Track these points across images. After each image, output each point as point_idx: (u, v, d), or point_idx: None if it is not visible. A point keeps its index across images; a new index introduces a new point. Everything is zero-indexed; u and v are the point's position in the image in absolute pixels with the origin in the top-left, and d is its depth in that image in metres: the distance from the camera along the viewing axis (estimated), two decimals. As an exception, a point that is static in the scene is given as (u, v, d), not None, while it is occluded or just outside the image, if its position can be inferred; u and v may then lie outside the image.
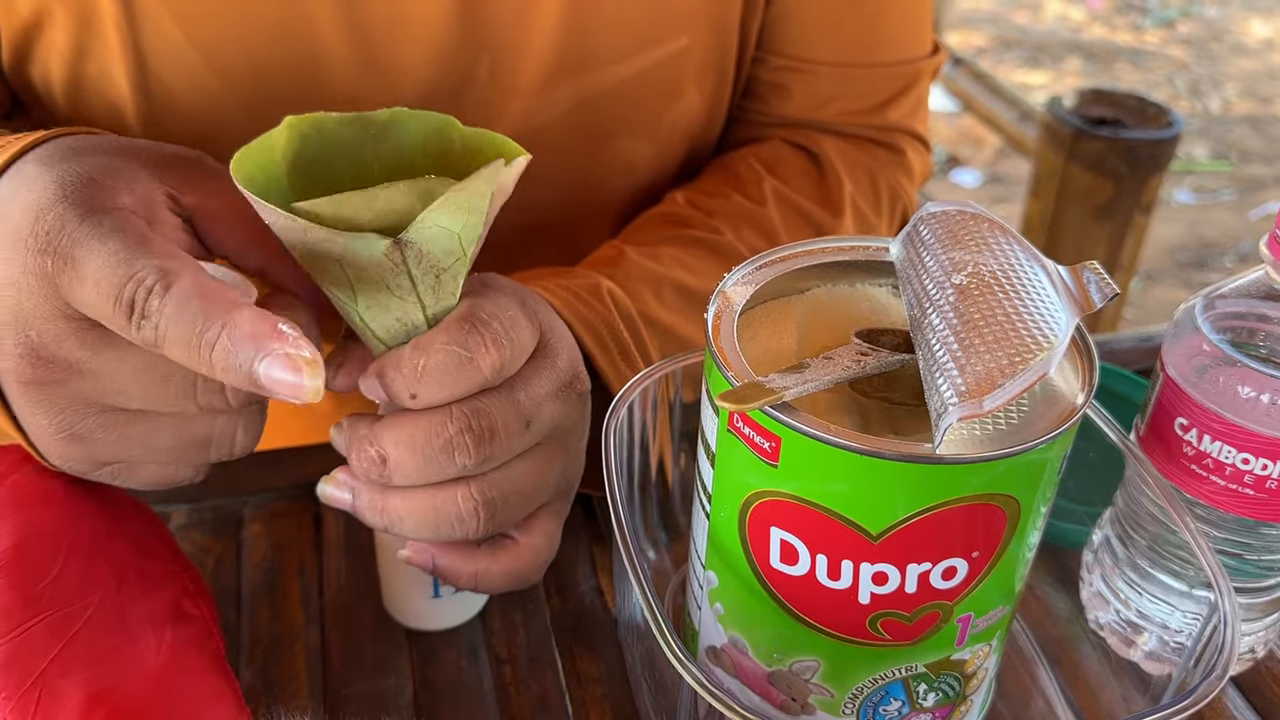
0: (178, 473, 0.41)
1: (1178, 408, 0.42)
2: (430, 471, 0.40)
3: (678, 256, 0.58)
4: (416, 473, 0.40)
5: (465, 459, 0.40)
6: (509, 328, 0.40)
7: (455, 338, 0.39)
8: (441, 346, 0.39)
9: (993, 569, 0.36)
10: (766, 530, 0.36)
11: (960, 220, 0.38)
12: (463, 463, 0.40)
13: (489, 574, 0.44)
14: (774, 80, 0.66)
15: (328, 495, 0.44)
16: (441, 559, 0.44)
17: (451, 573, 0.44)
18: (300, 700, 0.46)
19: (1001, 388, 0.31)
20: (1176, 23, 4.15)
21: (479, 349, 0.39)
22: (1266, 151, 3.23)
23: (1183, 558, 0.44)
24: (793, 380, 0.34)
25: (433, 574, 0.45)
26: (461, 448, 0.39)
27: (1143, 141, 1.80)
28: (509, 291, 0.42)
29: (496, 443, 0.40)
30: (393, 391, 0.39)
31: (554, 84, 0.59)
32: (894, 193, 0.69)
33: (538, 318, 0.43)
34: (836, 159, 0.66)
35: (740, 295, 0.38)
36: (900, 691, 0.38)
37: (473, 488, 0.41)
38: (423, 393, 0.39)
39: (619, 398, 0.43)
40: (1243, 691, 0.48)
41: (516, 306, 0.41)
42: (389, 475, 0.40)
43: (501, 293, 0.42)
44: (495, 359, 0.39)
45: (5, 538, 0.42)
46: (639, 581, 0.36)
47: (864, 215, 0.67)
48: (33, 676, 0.38)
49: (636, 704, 0.46)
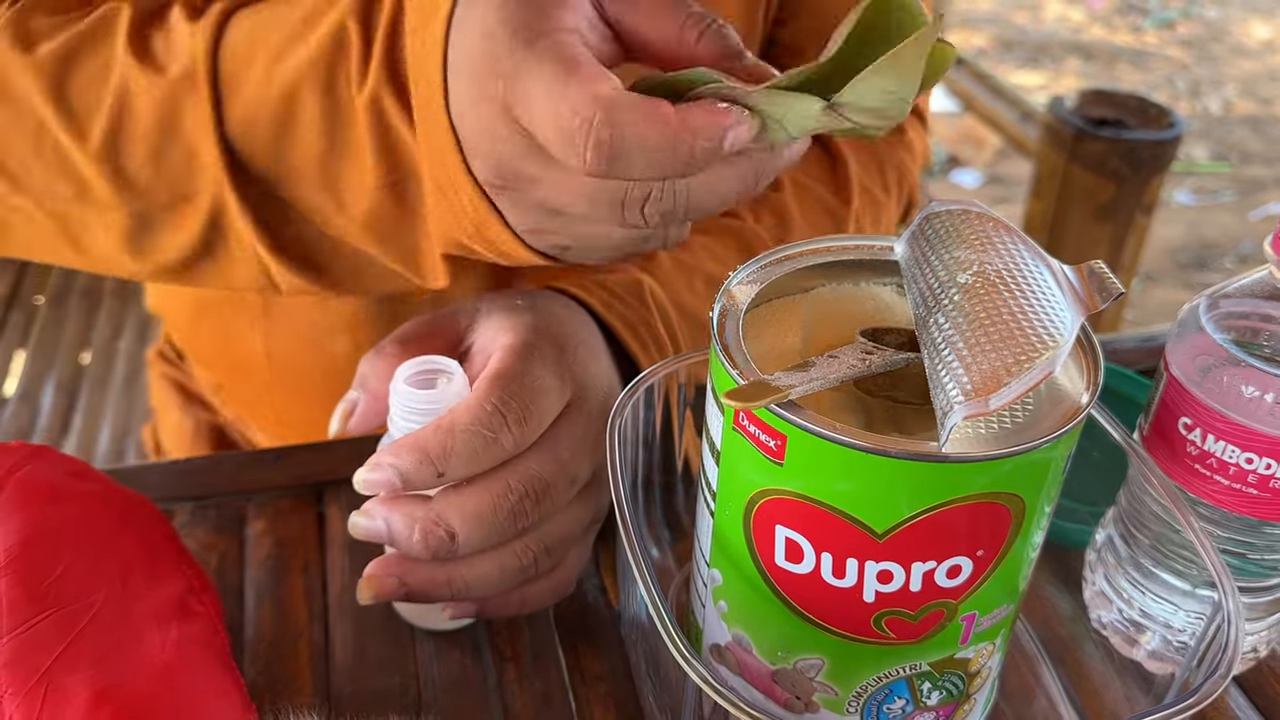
0: (626, 250, 0.44)
1: (1181, 407, 0.42)
2: (495, 538, 0.44)
3: (705, 244, 0.60)
4: (483, 541, 0.43)
5: (525, 522, 0.44)
6: (531, 401, 0.43)
7: (479, 419, 0.42)
8: (466, 429, 0.42)
9: (997, 568, 0.36)
10: (771, 528, 0.36)
11: (965, 219, 0.38)
12: (523, 525, 0.44)
13: (534, 597, 0.47)
14: (790, 43, 0.67)
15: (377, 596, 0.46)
16: (489, 603, 0.47)
17: (500, 609, 0.47)
18: (305, 697, 0.46)
19: (1007, 386, 0.32)
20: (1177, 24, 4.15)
21: (501, 429, 0.42)
22: (1267, 153, 3.23)
23: (1186, 557, 0.44)
24: (798, 378, 0.34)
25: (479, 617, 0.48)
26: (522, 514, 0.44)
27: (1144, 142, 1.80)
28: (543, 350, 0.45)
29: (549, 502, 0.44)
30: (421, 473, 0.42)
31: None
32: (900, 172, 0.70)
33: (571, 373, 0.46)
34: (842, 142, 0.67)
35: (745, 294, 0.38)
36: (904, 690, 0.38)
37: (529, 541, 0.45)
38: (450, 472, 0.42)
39: (623, 396, 0.43)
40: (1245, 691, 0.48)
41: (548, 369, 0.45)
42: (457, 549, 0.43)
43: (533, 356, 0.45)
44: (517, 436, 0.43)
45: (11, 535, 0.42)
46: (644, 579, 0.36)
47: (873, 195, 0.68)
48: (39, 673, 0.38)
49: (640, 702, 0.46)
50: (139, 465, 0.63)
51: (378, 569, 0.45)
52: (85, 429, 1.43)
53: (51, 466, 0.46)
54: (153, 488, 0.55)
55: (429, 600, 0.45)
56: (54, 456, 0.47)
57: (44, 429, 1.44)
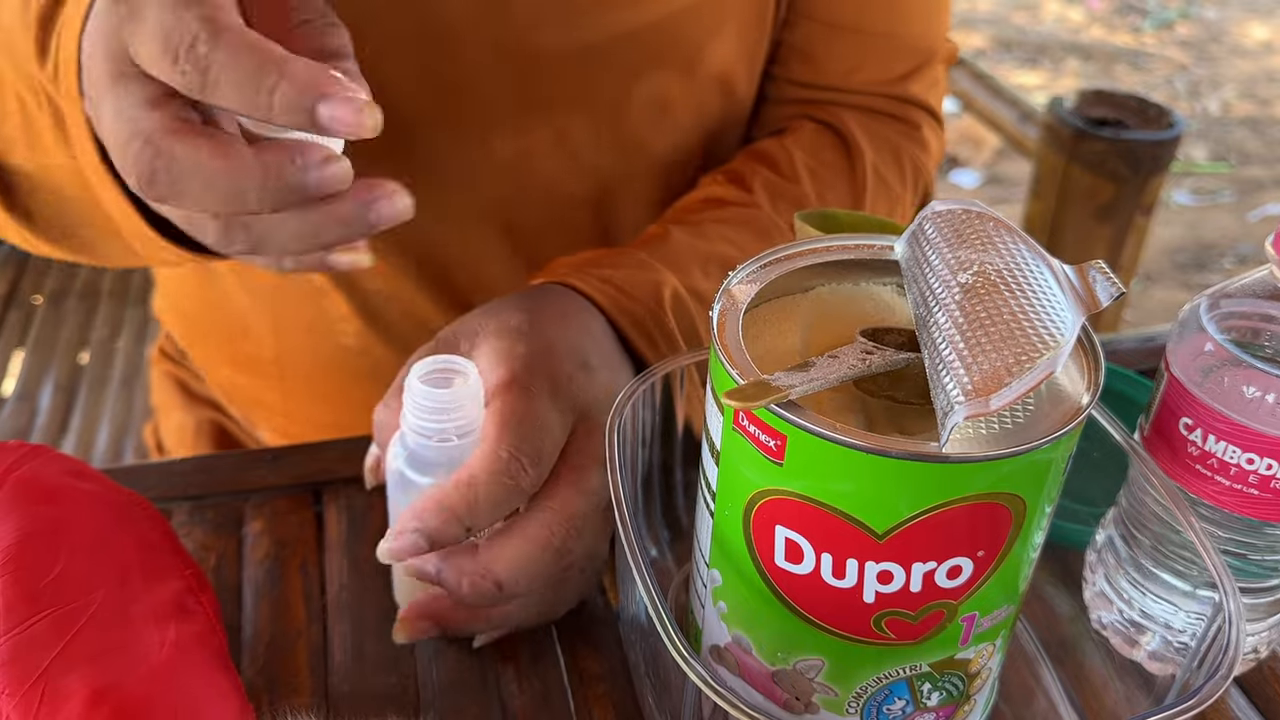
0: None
1: (1182, 407, 0.42)
2: (541, 581, 0.45)
3: (722, 233, 0.60)
4: (528, 586, 0.45)
5: (569, 560, 0.45)
6: (541, 441, 0.44)
7: (499, 469, 0.43)
8: (487, 481, 0.43)
9: (998, 568, 0.36)
10: (771, 529, 0.36)
11: (966, 219, 0.38)
12: (567, 563, 0.45)
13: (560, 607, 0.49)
14: (800, 45, 0.68)
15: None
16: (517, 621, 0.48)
17: (526, 623, 0.48)
18: (303, 697, 0.46)
19: (1008, 386, 0.31)
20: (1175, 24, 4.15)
21: (520, 474, 0.43)
22: (1265, 153, 3.23)
23: (1186, 558, 0.44)
24: (799, 378, 0.33)
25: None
26: (566, 552, 0.45)
27: (1144, 142, 1.79)
28: (539, 385, 0.46)
29: (590, 533, 0.46)
30: (449, 531, 0.43)
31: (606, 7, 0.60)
32: (916, 167, 0.70)
33: (571, 403, 0.47)
34: (860, 133, 0.68)
35: (745, 294, 0.38)
36: (904, 691, 0.38)
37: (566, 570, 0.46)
38: (477, 525, 0.43)
39: (621, 397, 0.43)
40: (1245, 692, 0.48)
41: (546, 404, 0.45)
42: (505, 595, 0.44)
43: (531, 393, 0.45)
44: (534, 477, 0.44)
45: (8, 534, 0.42)
46: (644, 580, 0.36)
47: (890, 187, 0.68)
48: (36, 673, 0.38)
49: (639, 702, 0.46)
50: (137, 465, 0.63)
51: (413, 613, 0.47)
52: (83, 428, 1.43)
53: (49, 466, 0.46)
54: (151, 487, 0.55)
55: (463, 635, 0.47)
56: (52, 456, 0.47)
57: (42, 428, 1.43)
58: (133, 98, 0.36)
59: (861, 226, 0.47)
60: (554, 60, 0.60)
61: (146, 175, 0.35)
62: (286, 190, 0.35)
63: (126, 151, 0.36)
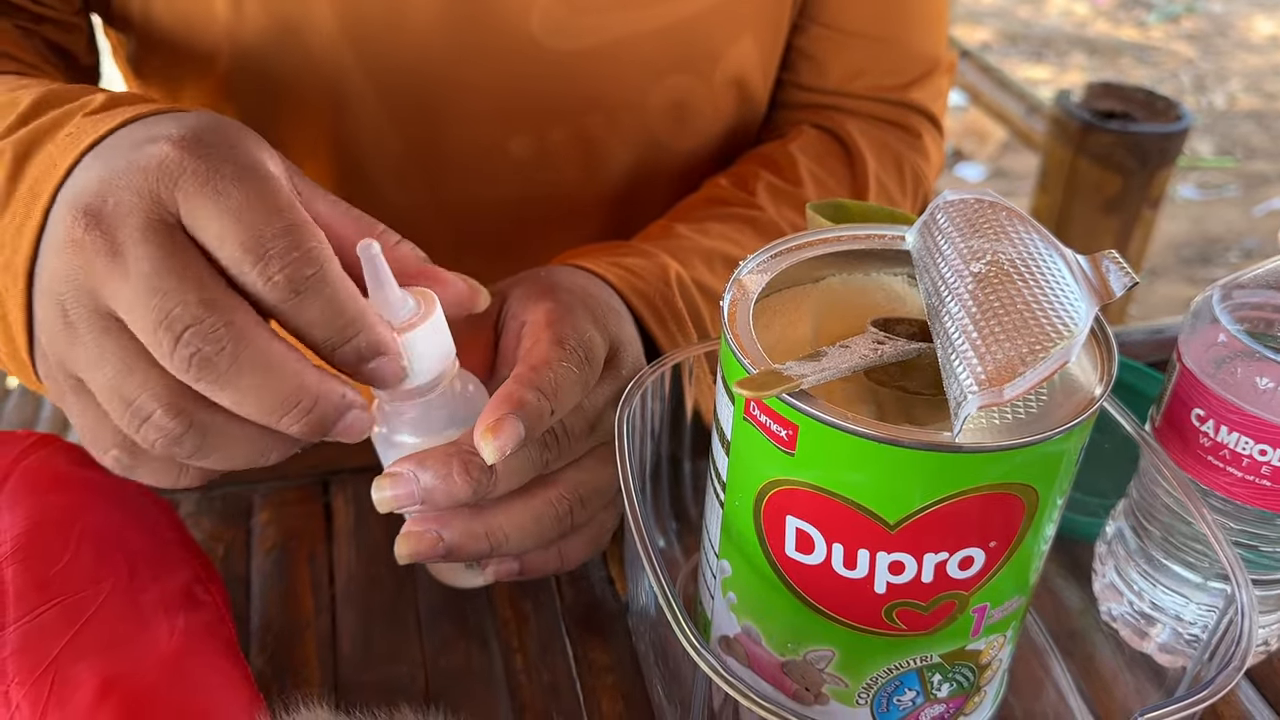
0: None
1: (1194, 399, 0.42)
2: (530, 469, 0.43)
3: (724, 232, 0.60)
4: (518, 470, 0.43)
5: (551, 454, 0.43)
6: (590, 344, 0.44)
7: (560, 354, 0.42)
8: (556, 363, 0.42)
9: (1009, 559, 0.35)
10: (782, 519, 0.35)
11: (978, 208, 0.38)
12: (549, 459, 0.43)
13: (572, 552, 0.47)
14: (809, 49, 0.69)
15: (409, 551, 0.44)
16: (527, 560, 0.46)
17: (541, 566, 0.47)
18: (311, 688, 0.46)
19: (1022, 376, 0.31)
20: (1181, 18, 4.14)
21: (582, 365, 0.43)
22: (1271, 147, 3.22)
23: (1197, 549, 0.44)
24: (810, 368, 0.33)
25: (521, 577, 0.47)
26: (552, 443, 0.43)
27: (1151, 135, 1.79)
28: (578, 306, 0.45)
29: (563, 445, 0.44)
30: (541, 409, 0.41)
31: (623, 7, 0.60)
32: (916, 175, 0.71)
33: (606, 328, 0.46)
34: (862, 140, 0.69)
35: (756, 283, 0.38)
36: (914, 681, 0.38)
37: (563, 490, 0.44)
38: (560, 406, 0.42)
39: (631, 385, 0.43)
40: (1255, 684, 0.47)
41: (588, 320, 0.45)
42: (495, 483, 0.43)
43: (572, 310, 0.45)
44: (591, 372, 0.43)
45: (18, 524, 0.42)
46: (653, 570, 0.36)
47: (891, 195, 0.69)
48: (46, 662, 0.38)
49: (648, 693, 0.46)
50: (144, 455, 0.63)
51: (415, 525, 0.44)
52: (89, 420, 1.43)
53: (58, 455, 0.46)
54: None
55: (468, 557, 0.44)
56: (60, 445, 0.47)
57: (48, 419, 1.43)
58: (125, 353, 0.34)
59: (872, 217, 0.47)
60: (572, 61, 0.60)
61: (172, 442, 0.35)
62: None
63: (132, 419, 0.35)
